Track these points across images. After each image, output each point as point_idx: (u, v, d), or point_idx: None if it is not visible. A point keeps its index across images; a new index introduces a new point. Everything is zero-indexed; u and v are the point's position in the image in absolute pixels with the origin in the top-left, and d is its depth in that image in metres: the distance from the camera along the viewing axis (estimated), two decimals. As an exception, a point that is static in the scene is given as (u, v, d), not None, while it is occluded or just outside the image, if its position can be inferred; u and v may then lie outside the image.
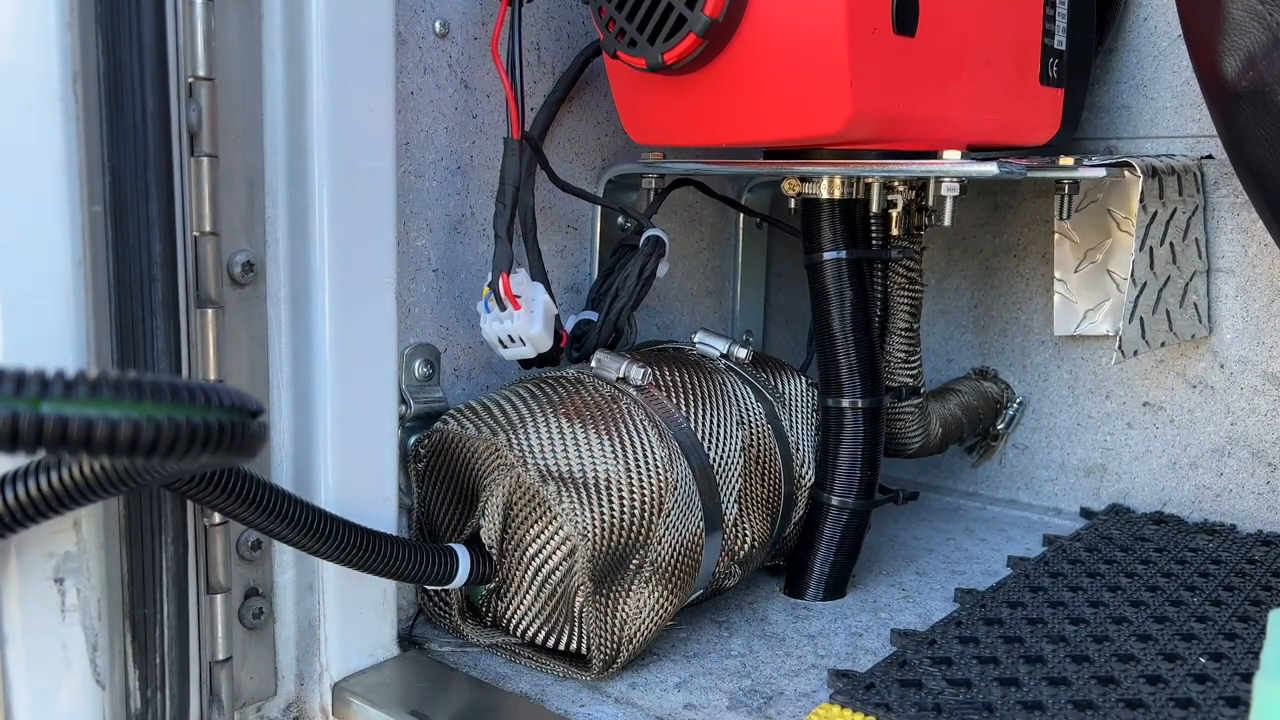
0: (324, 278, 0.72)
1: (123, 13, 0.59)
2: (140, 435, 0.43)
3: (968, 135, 0.88)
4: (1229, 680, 0.71)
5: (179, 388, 0.45)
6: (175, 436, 0.44)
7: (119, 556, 0.64)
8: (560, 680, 0.77)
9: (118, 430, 0.42)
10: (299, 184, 0.72)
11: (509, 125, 0.83)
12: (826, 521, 0.91)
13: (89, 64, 0.60)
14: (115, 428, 0.42)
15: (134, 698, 0.65)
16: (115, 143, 0.60)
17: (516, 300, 0.82)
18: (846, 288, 0.90)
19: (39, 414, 0.41)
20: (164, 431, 0.44)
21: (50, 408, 0.41)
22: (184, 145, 0.65)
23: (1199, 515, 1.06)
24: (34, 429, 0.41)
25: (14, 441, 0.41)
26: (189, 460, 0.45)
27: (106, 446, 0.42)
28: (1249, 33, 0.73)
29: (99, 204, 0.61)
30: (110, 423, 0.42)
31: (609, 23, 0.79)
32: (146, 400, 0.43)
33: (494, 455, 0.77)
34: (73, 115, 0.59)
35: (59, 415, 0.41)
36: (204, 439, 0.45)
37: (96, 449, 0.42)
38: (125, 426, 0.42)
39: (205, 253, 0.67)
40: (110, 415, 0.42)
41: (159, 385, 0.44)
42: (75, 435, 0.42)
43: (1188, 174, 0.98)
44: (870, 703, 0.69)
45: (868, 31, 0.74)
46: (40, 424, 0.41)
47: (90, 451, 0.42)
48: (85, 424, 0.42)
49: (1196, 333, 1.02)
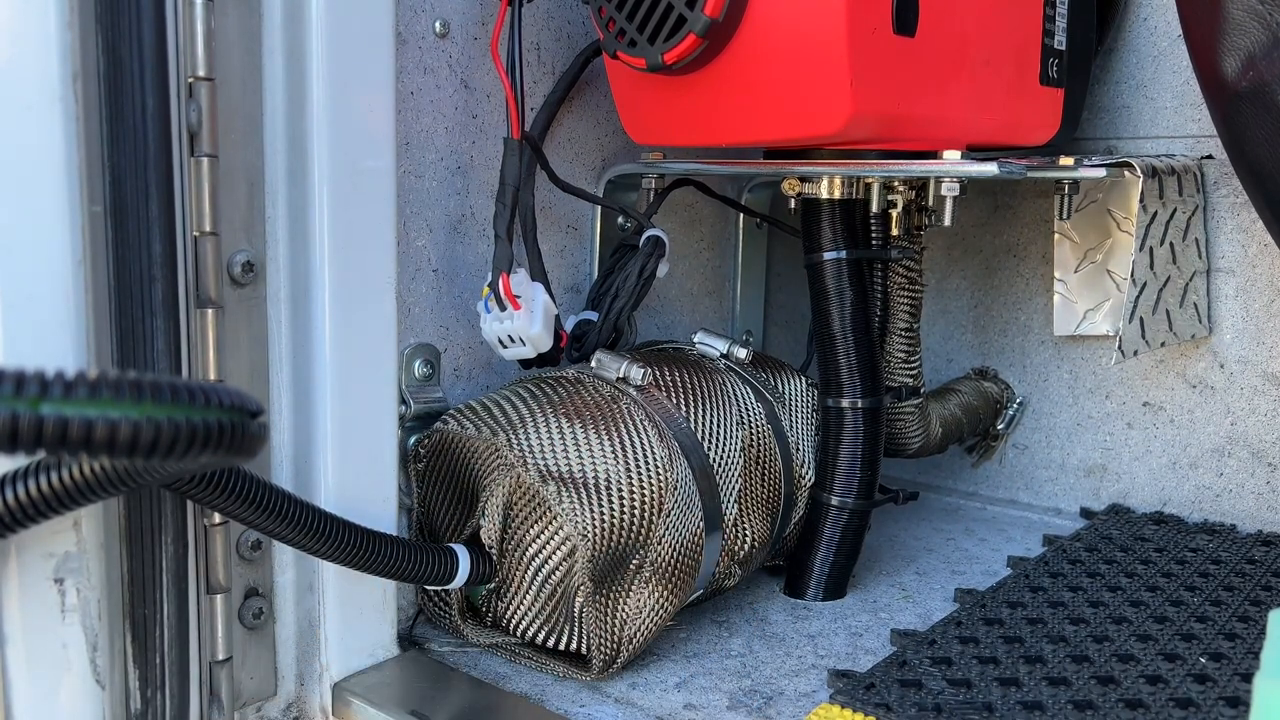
0: (324, 278, 0.72)
1: (123, 12, 0.59)
2: (140, 436, 0.43)
3: (968, 135, 0.88)
4: (1229, 680, 0.71)
5: (179, 388, 0.45)
6: (175, 437, 0.44)
7: (119, 556, 0.64)
8: (560, 680, 0.77)
9: (118, 431, 0.42)
10: (299, 184, 0.72)
11: (509, 125, 0.83)
12: (826, 521, 0.91)
13: (89, 64, 0.60)
14: (115, 428, 0.42)
15: (134, 698, 0.65)
16: (115, 143, 0.60)
17: (516, 300, 0.82)
18: (846, 288, 0.90)
19: (39, 415, 0.41)
20: (164, 432, 0.44)
21: (50, 408, 0.41)
22: (184, 145, 0.65)
23: (1199, 515, 1.06)
24: (34, 430, 0.41)
25: (14, 442, 0.41)
26: (189, 460, 0.45)
27: (106, 447, 0.42)
28: (1249, 33, 0.73)
29: (99, 204, 0.61)
30: (110, 423, 0.42)
31: (609, 23, 0.79)
32: (146, 401, 0.43)
33: (494, 455, 0.77)
34: (73, 115, 0.59)
35: (59, 416, 0.41)
36: (204, 439, 0.45)
37: (96, 449, 0.42)
38: (125, 427, 0.42)
39: (205, 253, 0.67)
40: (110, 416, 0.42)
41: (159, 385, 0.44)
42: (75, 436, 0.42)
43: (1188, 174, 0.98)
44: (870, 703, 0.69)
45: (868, 31, 0.74)
46: (40, 425, 0.41)
47: (90, 452, 0.42)
48: (85, 425, 0.42)
49: (1196, 333, 1.02)
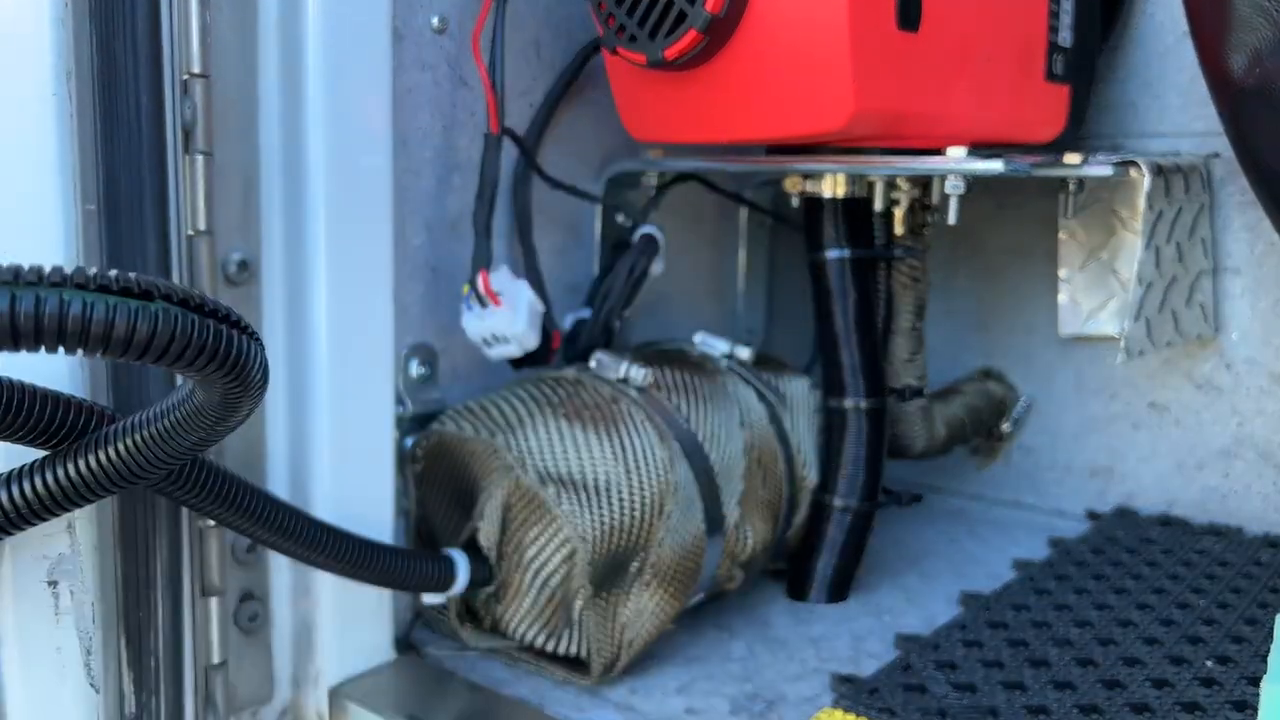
0: (320, 277, 0.71)
1: (117, 9, 0.59)
2: (137, 329, 0.42)
3: (972, 132, 0.87)
4: (1236, 684, 0.71)
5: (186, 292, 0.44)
6: (172, 334, 0.43)
7: (113, 559, 0.64)
8: (559, 685, 0.76)
9: (115, 322, 0.42)
10: (295, 182, 0.71)
11: (488, 121, 0.83)
12: (829, 523, 0.90)
13: (83, 61, 0.59)
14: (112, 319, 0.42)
15: (128, 701, 0.65)
16: (109, 140, 0.60)
17: (497, 297, 0.81)
18: (849, 287, 0.89)
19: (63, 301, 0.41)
20: (161, 328, 0.43)
21: (69, 295, 0.41)
22: (178, 143, 0.65)
23: (1205, 517, 1.05)
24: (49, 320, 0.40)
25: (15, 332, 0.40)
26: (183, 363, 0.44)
27: (102, 339, 0.42)
28: (1256, 29, 0.72)
29: (92, 202, 0.60)
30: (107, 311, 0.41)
31: (609, 18, 0.79)
32: (155, 296, 0.43)
33: (492, 457, 0.76)
34: (66, 113, 0.58)
35: (80, 303, 0.41)
36: (200, 346, 0.44)
37: (93, 342, 0.42)
38: (122, 318, 0.42)
39: (200, 252, 0.67)
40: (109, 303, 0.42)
41: (164, 284, 0.44)
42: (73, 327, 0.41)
43: (1194, 172, 0.97)
44: (874, 707, 0.69)
45: (871, 27, 0.73)
46: (56, 313, 0.41)
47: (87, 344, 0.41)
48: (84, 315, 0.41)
49: (1203, 333, 1.02)
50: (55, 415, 0.54)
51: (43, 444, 0.55)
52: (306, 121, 0.70)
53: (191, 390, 0.50)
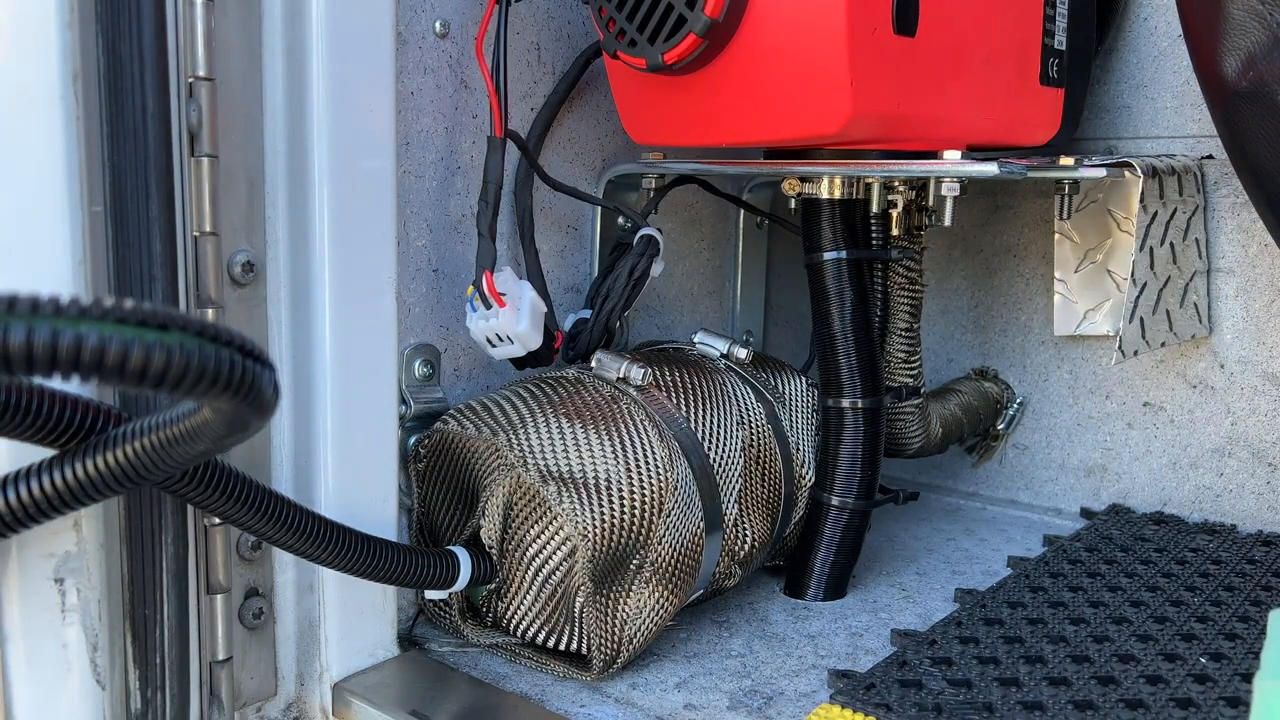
0: (324, 278, 0.72)
1: (123, 12, 0.59)
2: (151, 362, 0.42)
3: (968, 135, 0.88)
4: (1229, 680, 0.71)
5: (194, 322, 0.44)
6: (186, 367, 0.43)
7: (119, 556, 0.64)
8: (560, 680, 0.77)
9: (129, 355, 0.42)
10: (299, 184, 0.72)
11: (491, 123, 0.83)
12: (827, 521, 0.91)
13: (89, 64, 0.60)
14: (127, 351, 0.42)
15: (134, 698, 0.65)
16: (115, 143, 0.60)
17: (501, 298, 0.82)
18: (846, 288, 0.90)
19: (78, 333, 0.41)
20: (174, 361, 0.43)
21: (86, 327, 0.41)
22: (184, 145, 0.65)
23: (1199, 515, 1.06)
24: (67, 350, 0.41)
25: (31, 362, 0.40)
26: (196, 392, 0.44)
27: (117, 370, 0.42)
28: (1249, 32, 0.73)
29: (99, 204, 0.61)
30: (123, 345, 0.42)
31: (609, 23, 0.79)
32: (173, 330, 0.43)
33: (494, 455, 0.77)
34: (73, 115, 0.59)
35: (97, 335, 0.41)
36: (214, 376, 0.44)
37: (108, 372, 0.42)
38: (137, 350, 0.42)
39: (205, 253, 0.67)
40: (124, 337, 0.42)
41: (175, 315, 0.44)
42: (88, 359, 0.41)
43: (1188, 174, 0.98)
44: (870, 703, 0.69)
45: (868, 31, 0.74)
46: (72, 345, 0.41)
47: (103, 374, 0.42)
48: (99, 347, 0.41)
49: (1197, 333, 1.02)
50: (64, 414, 0.55)
51: (51, 443, 0.55)
52: (311, 124, 0.70)
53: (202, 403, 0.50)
